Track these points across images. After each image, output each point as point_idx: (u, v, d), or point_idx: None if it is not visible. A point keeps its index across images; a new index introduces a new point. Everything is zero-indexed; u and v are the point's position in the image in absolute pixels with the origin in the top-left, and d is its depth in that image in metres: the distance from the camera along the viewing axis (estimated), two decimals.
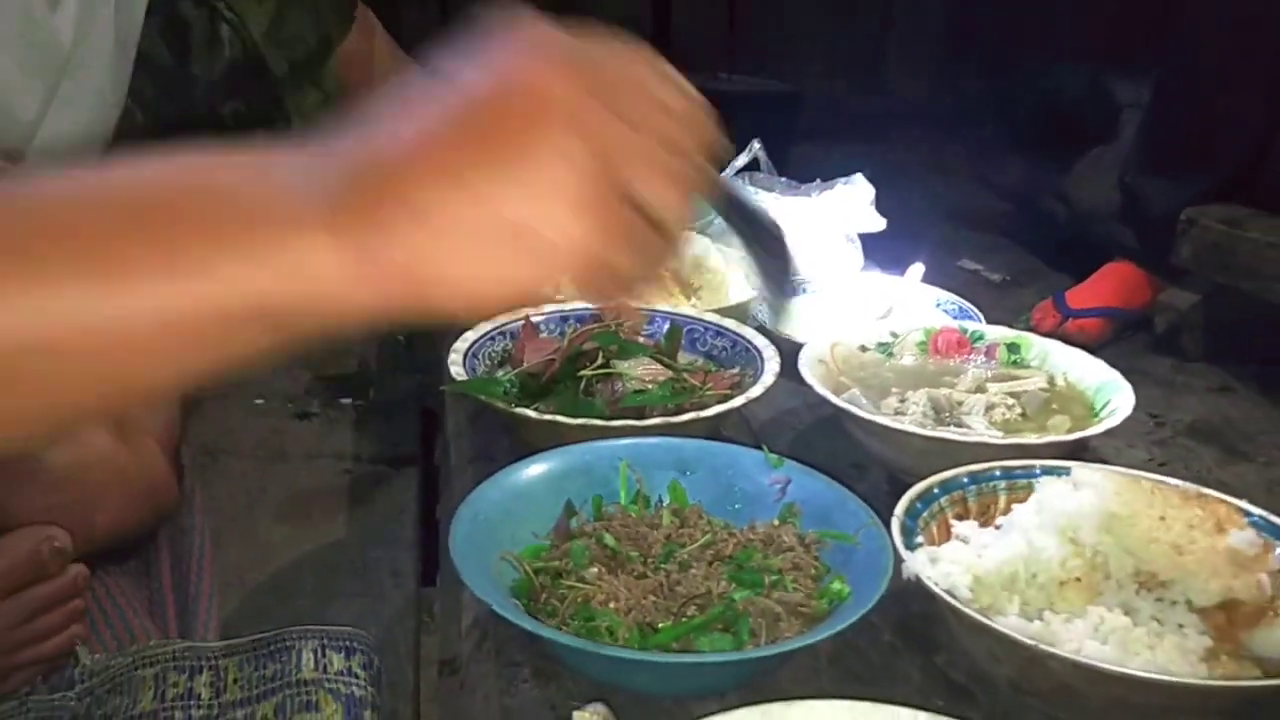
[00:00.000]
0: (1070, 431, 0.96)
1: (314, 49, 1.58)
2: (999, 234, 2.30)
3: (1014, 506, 0.78)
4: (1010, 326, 1.24)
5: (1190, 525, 0.67)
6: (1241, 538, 0.67)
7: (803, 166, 1.82)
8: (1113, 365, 1.26)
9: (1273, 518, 0.73)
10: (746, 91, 2.59)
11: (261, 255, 0.38)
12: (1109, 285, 1.71)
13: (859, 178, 1.50)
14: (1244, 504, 0.74)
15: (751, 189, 1.54)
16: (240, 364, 0.41)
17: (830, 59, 3.06)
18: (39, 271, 0.36)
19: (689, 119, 0.47)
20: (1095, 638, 0.64)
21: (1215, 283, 1.62)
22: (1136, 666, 0.63)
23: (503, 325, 1.11)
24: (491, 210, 0.40)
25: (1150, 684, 0.61)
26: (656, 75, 0.47)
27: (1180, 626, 0.64)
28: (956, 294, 1.38)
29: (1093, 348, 1.54)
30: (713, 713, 0.60)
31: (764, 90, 2.64)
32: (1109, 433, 0.95)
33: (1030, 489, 0.79)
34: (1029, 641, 0.62)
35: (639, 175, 0.43)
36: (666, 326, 1.12)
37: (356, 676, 0.90)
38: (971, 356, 1.15)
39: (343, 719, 0.85)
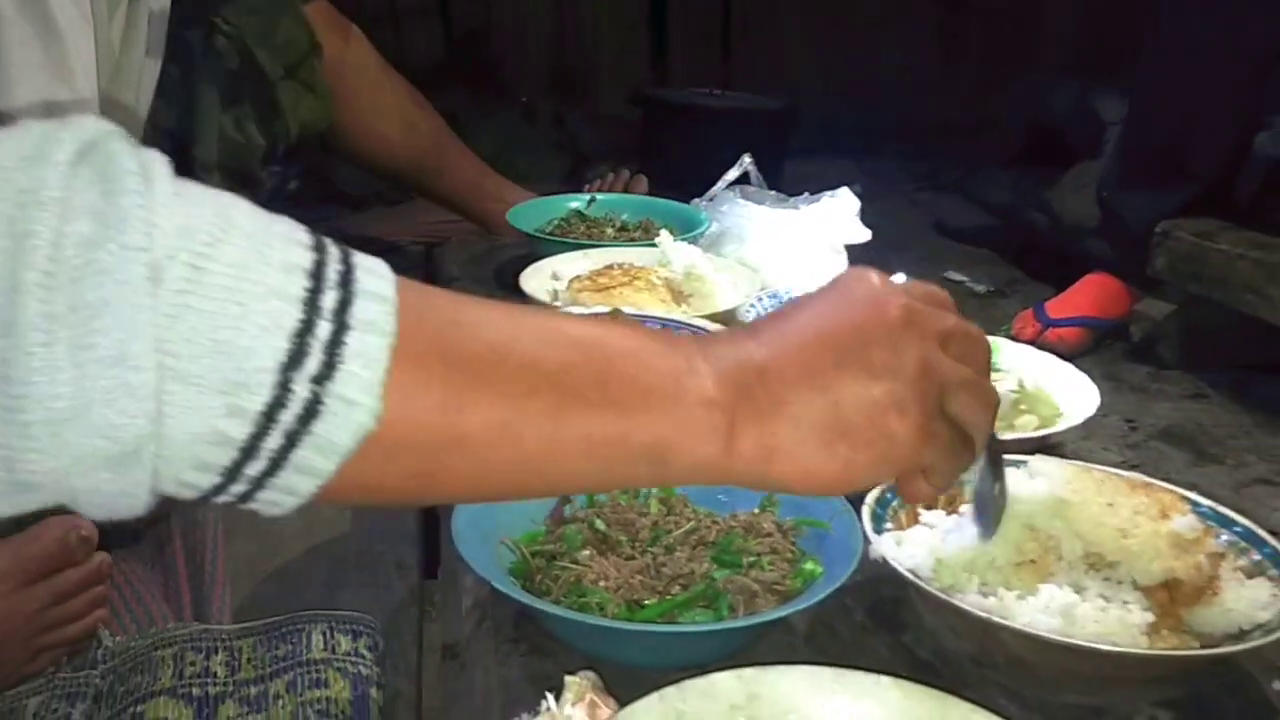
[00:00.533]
0: (1036, 430, 1.02)
1: (306, 52, 1.65)
2: (985, 247, 2.36)
3: None
4: (992, 335, 1.30)
5: (1136, 511, 0.73)
6: (1183, 523, 0.73)
7: (796, 181, 1.88)
8: (1090, 373, 1.32)
9: (1213, 505, 0.79)
10: (741, 108, 2.65)
11: (667, 409, 0.49)
12: (1087, 296, 1.77)
13: (845, 191, 1.57)
14: (1187, 492, 0.80)
15: (741, 200, 1.61)
16: (611, 488, 0.52)
17: (824, 76, 3.12)
18: (505, 392, 0.46)
19: (985, 356, 0.57)
20: (1046, 613, 0.69)
21: (1189, 293, 1.68)
22: (1082, 639, 0.69)
23: None
24: (838, 409, 0.50)
25: (1094, 653, 0.66)
26: (960, 318, 0.57)
27: (1125, 603, 0.70)
28: None
29: (1072, 356, 1.60)
30: (693, 677, 0.66)
31: (758, 107, 2.70)
32: (1086, 437, 1.01)
33: None
34: (984, 615, 0.68)
35: (957, 397, 0.53)
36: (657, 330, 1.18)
37: (363, 657, 0.95)
38: None
39: (350, 695, 0.91)
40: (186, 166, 1.60)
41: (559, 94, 2.98)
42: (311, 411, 0.41)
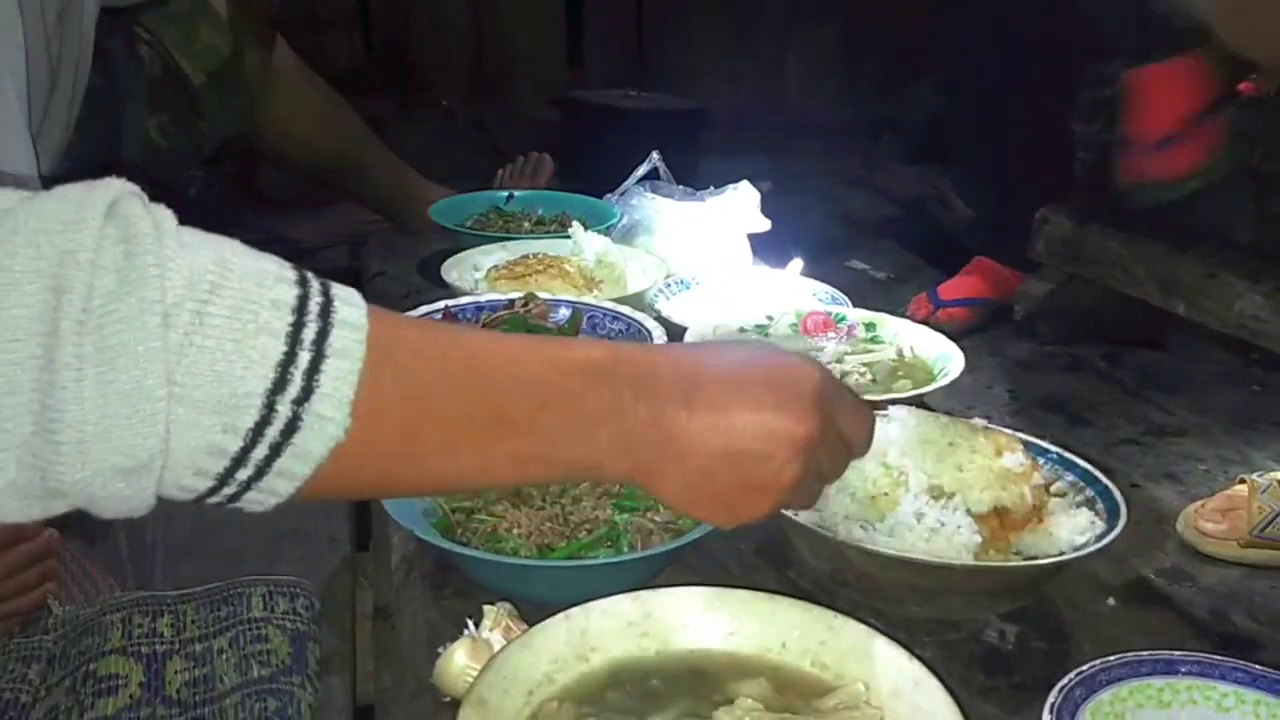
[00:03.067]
0: (910, 391, 1.14)
1: (227, 58, 1.71)
2: (889, 237, 2.49)
3: None
4: (892, 315, 1.41)
5: (974, 450, 0.84)
6: (1013, 459, 0.85)
7: (710, 178, 1.98)
8: (978, 349, 1.44)
9: (1040, 443, 0.91)
10: (655, 108, 2.75)
11: (589, 441, 0.60)
12: (975, 279, 1.91)
13: (745, 184, 1.67)
14: (1020, 435, 0.92)
15: (650, 195, 1.71)
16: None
17: (734, 78, 3.24)
18: (452, 417, 0.56)
19: (866, 438, 0.70)
20: (889, 535, 0.81)
21: (1066, 273, 1.82)
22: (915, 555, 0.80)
23: (425, 314, 1.26)
24: (716, 490, 0.63)
25: (923, 565, 0.78)
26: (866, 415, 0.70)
27: (958, 528, 0.82)
28: (844, 290, 1.55)
29: (962, 334, 1.74)
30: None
31: (672, 107, 2.80)
32: (972, 405, 1.12)
33: None
34: (830, 535, 0.79)
35: (827, 476, 0.68)
36: (569, 313, 1.28)
37: (300, 616, 1.03)
38: (835, 335, 1.32)
39: (289, 649, 0.99)
40: (113, 174, 1.65)
41: (479, 98, 3.06)
42: (292, 427, 0.51)
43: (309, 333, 0.51)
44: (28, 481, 0.48)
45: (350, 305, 0.53)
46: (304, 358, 0.51)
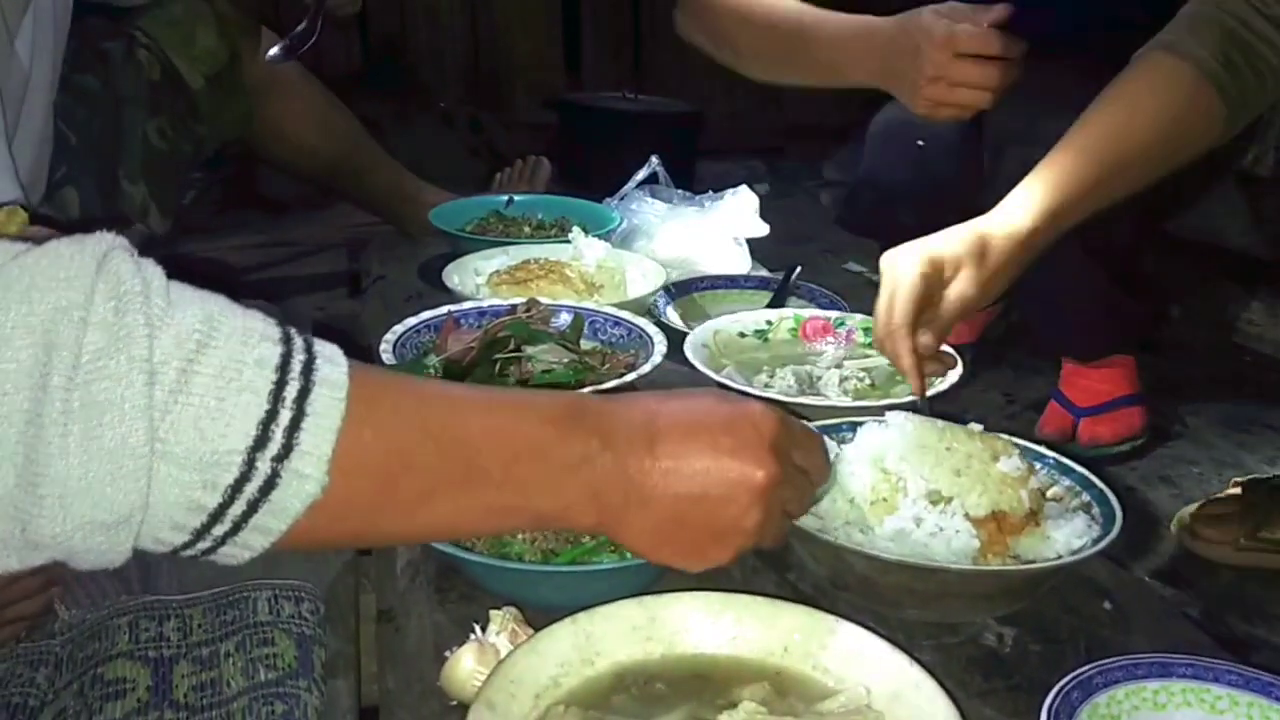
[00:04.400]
0: (908, 397, 1.15)
1: (225, 63, 1.72)
2: (883, 241, 2.50)
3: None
4: None
5: (970, 455, 0.86)
6: (1009, 463, 0.86)
7: (707, 180, 2.00)
8: (976, 354, 1.45)
9: (1036, 448, 0.92)
10: (651, 111, 2.76)
11: (557, 492, 0.62)
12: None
13: (744, 189, 1.68)
14: (1016, 440, 0.93)
15: (649, 199, 1.72)
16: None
17: (729, 80, 3.25)
18: (427, 470, 0.58)
19: (824, 466, 0.74)
20: (888, 540, 0.82)
21: None
22: (913, 559, 0.81)
23: (428, 320, 1.27)
24: (677, 538, 0.66)
25: (923, 569, 0.80)
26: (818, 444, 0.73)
27: (956, 532, 0.83)
28: (839, 293, 1.57)
29: (962, 340, 1.74)
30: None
31: (668, 110, 2.81)
32: (969, 409, 1.12)
33: None
34: (831, 539, 0.80)
35: (793, 512, 0.71)
36: (571, 318, 1.29)
37: (306, 620, 1.04)
38: (834, 339, 1.33)
39: (295, 652, 1.00)
40: (112, 177, 1.66)
41: (475, 100, 3.07)
42: (270, 483, 0.52)
43: (291, 390, 0.52)
44: (7, 533, 0.48)
45: (332, 364, 0.54)
46: (285, 416, 0.52)
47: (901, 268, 1.06)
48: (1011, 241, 1.06)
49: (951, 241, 1.06)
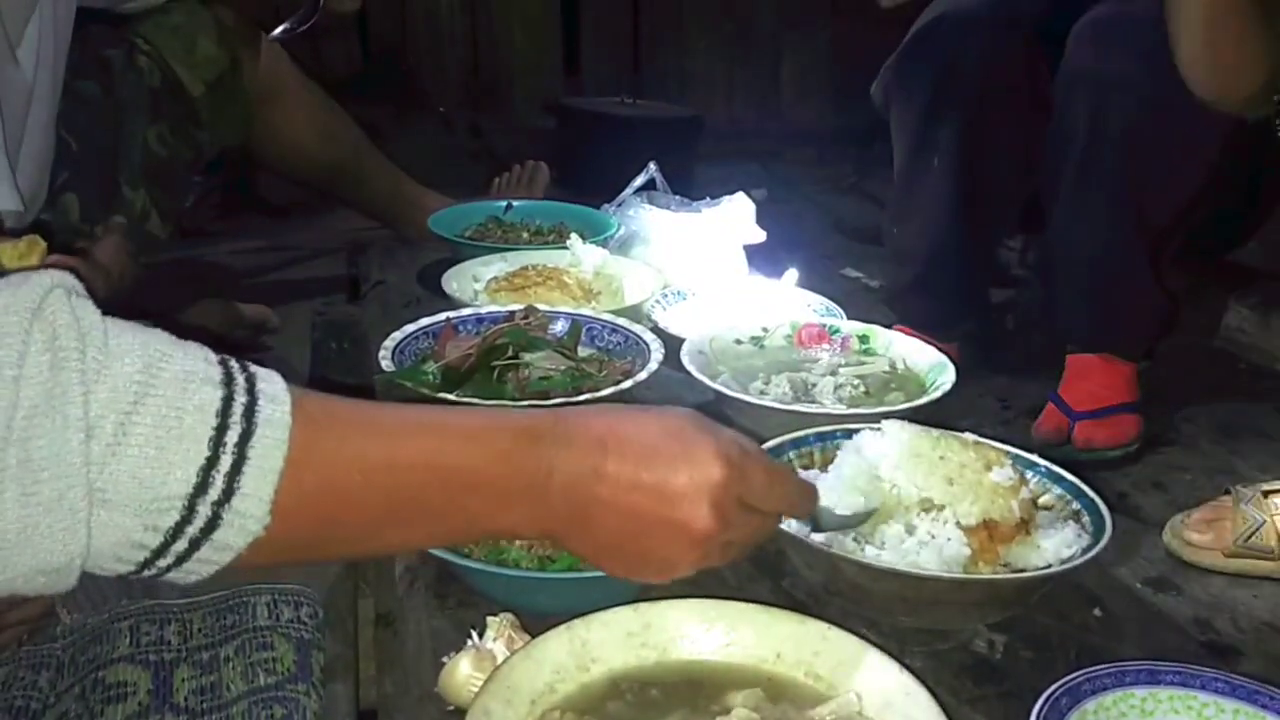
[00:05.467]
0: (903, 404, 1.16)
1: (226, 70, 1.73)
2: (880, 243, 2.51)
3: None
4: (886, 327, 1.43)
5: (963, 464, 0.87)
6: (1001, 473, 0.87)
7: (706, 184, 2.01)
8: (970, 360, 1.45)
9: (1028, 456, 0.93)
10: (650, 116, 2.77)
11: (503, 517, 0.63)
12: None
13: (740, 196, 1.70)
14: (1009, 448, 0.94)
15: (647, 206, 1.73)
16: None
17: (728, 85, 3.27)
18: (371, 506, 0.59)
19: (788, 503, 0.73)
20: (882, 548, 0.83)
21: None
22: (905, 567, 0.82)
23: (426, 326, 1.28)
24: (624, 559, 0.67)
25: (913, 577, 0.81)
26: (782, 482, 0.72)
27: (948, 540, 0.84)
28: (837, 299, 1.58)
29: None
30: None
31: (667, 115, 2.82)
32: (964, 415, 1.14)
33: None
34: (824, 546, 0.81)
35: (745, 545, 0.71)
36: (568, 325, 1.30)
37: (304, 624, 1.05)
38: (829, 346, 1.35)
39: (294, 656, 1.01)
40: (113, 182, 1.67)
41: (475, 105, 3.08)
42: (212, 525, 0.53)
43: (232, 435, 0.53)
44: None
45: (274, 403, 0.55)
46: (226, 461, 0.53)
47: None
48: None
49: None
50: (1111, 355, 1.52)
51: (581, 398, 1.12)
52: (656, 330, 1.34)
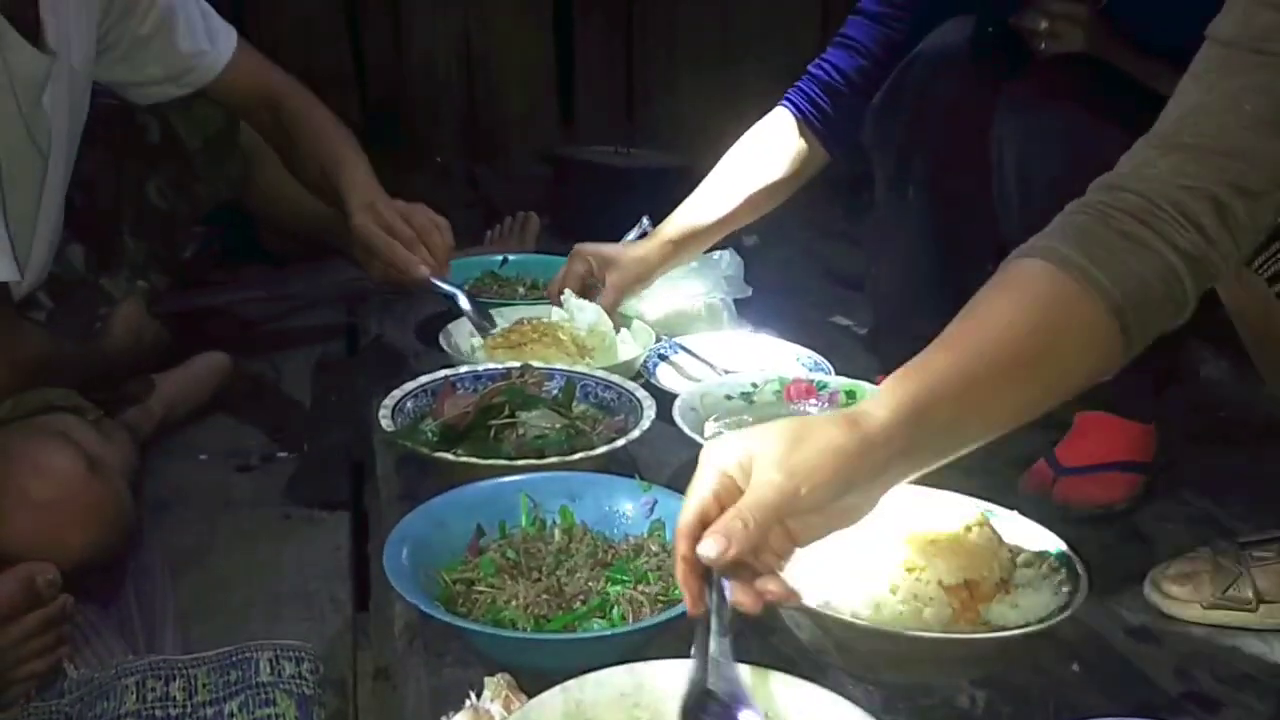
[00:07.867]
0: None
1: (223, 127, 1.77)
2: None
3: None
4: (870, 376, 1.47)
5: (945, 525, 0.90)
6: (981, 533, 0.91)
7: None
8: None
9: (1009, 513, 0.97)
10: (643, 165, 2.82)
11: None
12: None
13: (729, 252, 1.74)
14: (988, 505, 0.98)
15: None
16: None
17: (719, 135, 3.32)
18: None
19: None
20: (863, 607, 0.87)
21: None
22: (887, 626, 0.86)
23: (425, 384, 1.32)
24: None
25: (898, 636, 0.84)
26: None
27: (930, 599, 0.87)
28: (826, 347, 1.61)
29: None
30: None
31: (660, 164, 2.87)
32: (950, 464, 1.16)
33: None
34: (812, 606, 0.85)
35: None
36: (563, 382, 1.34)
37: (305, 680, 1.08)
38: (817, 401, 1.38)
39: (296, 713, 1.03)
40: (115, 234, 1.72)
41: (472, 154, 3.13)
42: None
43: None
44: None
45: None
46: None
47: (707, 465, 0.80)
48: (851, 430, 0.78)
49: (773, 429, 0.80)
50: (1109, 412, 1.51)
51: (576, 456, 1.15)
52: (649, 386, 1.37)
